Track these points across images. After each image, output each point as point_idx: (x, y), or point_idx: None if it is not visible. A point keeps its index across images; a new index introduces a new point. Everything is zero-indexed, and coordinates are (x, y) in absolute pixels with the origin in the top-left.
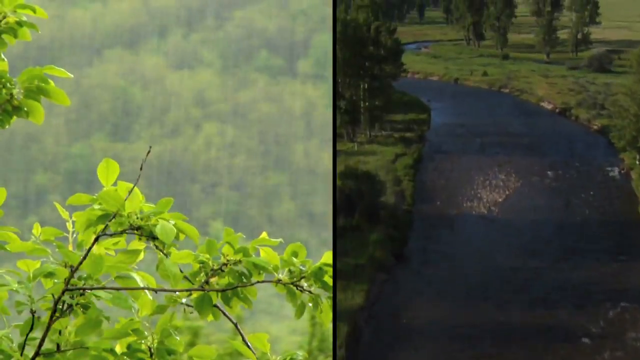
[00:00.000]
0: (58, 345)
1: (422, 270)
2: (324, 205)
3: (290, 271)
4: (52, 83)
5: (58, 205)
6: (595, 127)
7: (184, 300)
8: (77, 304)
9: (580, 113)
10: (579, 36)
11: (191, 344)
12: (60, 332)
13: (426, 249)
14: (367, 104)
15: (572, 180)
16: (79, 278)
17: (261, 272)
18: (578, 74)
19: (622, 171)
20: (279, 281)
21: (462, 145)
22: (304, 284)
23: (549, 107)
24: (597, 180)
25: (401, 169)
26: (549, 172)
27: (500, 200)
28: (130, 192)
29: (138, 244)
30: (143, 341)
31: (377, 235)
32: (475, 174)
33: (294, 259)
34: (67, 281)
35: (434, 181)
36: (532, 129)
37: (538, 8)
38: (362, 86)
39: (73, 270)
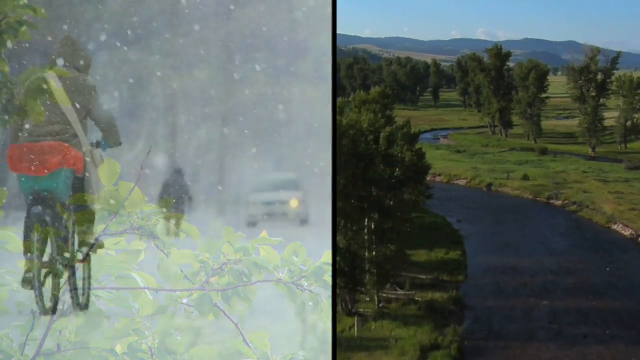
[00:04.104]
0: (58, 345)
1: None
2: (323, 205)
3: (290, 270)
4: (52, 83)
5: (58, 205)
6: None
7: (184, 300)
8: (77, 303)
9: None
10: (628, 124)
11: (193, 344)
12: (60, 332)
13: None
14: (373, 253)
15: None
16: (80, 278)
17: (261, 271)
18: None
19: None
20: (279, 280)
21: (524, 319)
22: (304, 283)
23: (626, 233)
24: None
25: None
26: None
27: None
28: (131, 192)
29: (139, 244)
30: (144, 341)
31: None
32: None
33: (294, 258)
34: (68, 281)
35: None
36: (623, 282)
37: (581, 93)
38: (367, 227)
39: (73, 270)
